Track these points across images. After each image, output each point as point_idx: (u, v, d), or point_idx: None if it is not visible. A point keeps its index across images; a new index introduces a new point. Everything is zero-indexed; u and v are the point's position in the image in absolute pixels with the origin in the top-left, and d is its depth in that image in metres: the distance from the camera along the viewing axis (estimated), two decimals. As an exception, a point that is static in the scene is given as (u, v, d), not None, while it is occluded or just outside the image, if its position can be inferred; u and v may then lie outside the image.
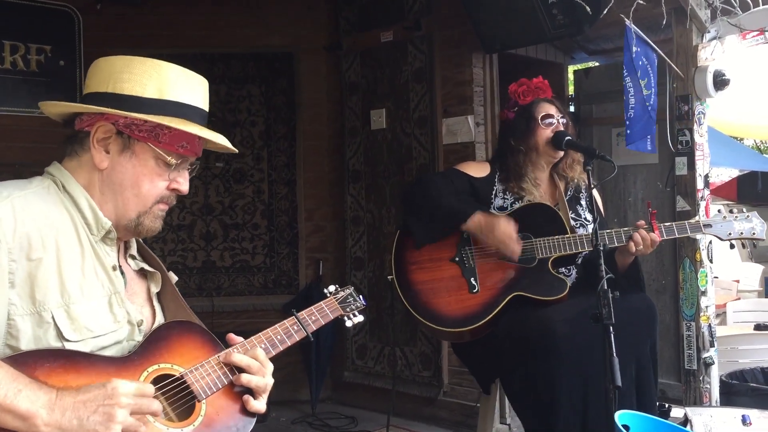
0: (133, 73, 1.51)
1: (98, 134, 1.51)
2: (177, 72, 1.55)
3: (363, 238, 4.81)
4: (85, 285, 1.46)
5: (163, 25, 4.85)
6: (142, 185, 1.53)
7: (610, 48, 4.99)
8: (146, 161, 1.52)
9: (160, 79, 1.52)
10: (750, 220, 2.69)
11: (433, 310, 2.67)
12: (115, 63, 1.54)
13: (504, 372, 2.69)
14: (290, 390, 4.86)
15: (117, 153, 1.52)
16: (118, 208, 1.53)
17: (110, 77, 1.52)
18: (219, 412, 1.49)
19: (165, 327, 1.56)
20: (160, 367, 1.47)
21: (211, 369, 1.52)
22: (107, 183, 1.52)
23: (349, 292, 1.94)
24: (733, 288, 6.97)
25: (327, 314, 1.85)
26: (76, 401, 1.28)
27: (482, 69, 4.28)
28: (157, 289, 1.65)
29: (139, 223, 1.55)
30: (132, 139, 1.51)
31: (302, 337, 1.74)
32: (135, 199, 1.53)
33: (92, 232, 1.51)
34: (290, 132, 5.04)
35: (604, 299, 2.04)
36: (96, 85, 1.54)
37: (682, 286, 3.41)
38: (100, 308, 1.47)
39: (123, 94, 1.50)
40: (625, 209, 4.47)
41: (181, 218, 4.97)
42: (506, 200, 2.82)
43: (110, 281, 1.51)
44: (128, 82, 1.51)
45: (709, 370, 3.36)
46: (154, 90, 1.51)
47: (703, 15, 3.33)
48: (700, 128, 3.42)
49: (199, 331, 1.60)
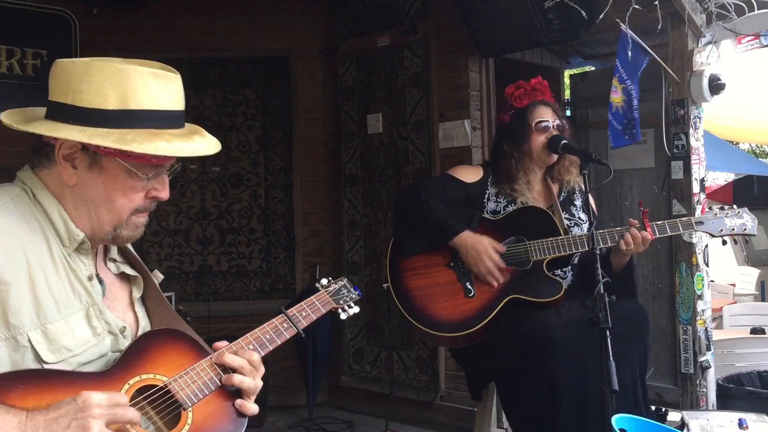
0: (91, 82, 1.37)
1: (62, 150, 1.40)
2: (142, 74, 1.39)
3: (359, 242, 4.81)
4: (60, 301, 1.38)
5: (160, 30, 4.86)
6: (115, 201, 1.43)
7: (606, 52, 5.00)
8: (116, 176, 1.41)
9: (123, 86, 1.37)
10: (741, 216, 2.71)
11: (430, 316, 2.67)
12: (73, 68, 1.39)
13: (499, 375, 2.69)
14: (287, 395, 4.85)
15: (85, 169, 1.41)
16: (93, 223, 1.45)
17: (69, 86, 1.38)
18: (207, 418, 1.45)
19: (145, 337, 1.50)
20: (142, 378, 1.42)
21: (197, 375, 1.47)
22: (79, 198, 1.43)
23: (343, 283, 1.88)
24: (729, 292, 6.98)
25: (319, 308, 1.78)
26: (47, 419, 1.22)
27: (478, 73, 4.29)
28: (139, 294, 1.58)
29: (117, 234, 1.47)
30: (98, 154, 1.40)
31: (293, 334, 1.67)
32: (109, 214, 1.44)
33: (64, 244, 1.42)
34: (287, 136, 5.04)
35: (601, 303, 2.04)
36: (56, 92, 1.41)
37: (679, 289, 3.41)
38: (78, 324, 1.40)
39: (83, 107, 1.36)
40: (621, 213, 4.47)
41: (178, 223, 4.96)
42: (499, 203, 2.82)
43: (87, 293, 1.44)
44: (87, 93, 1.36)
45: (705, 373, 3.36)
46: (117, 100, 1.37)
47: (698, 19, 3.34)
48: (696, 132, 3.42)
49: (182, 338, 1.54)
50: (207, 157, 1.59)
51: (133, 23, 4.81)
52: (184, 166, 5.16)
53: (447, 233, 2.70)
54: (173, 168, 1.51)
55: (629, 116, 3.27)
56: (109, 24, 4.74)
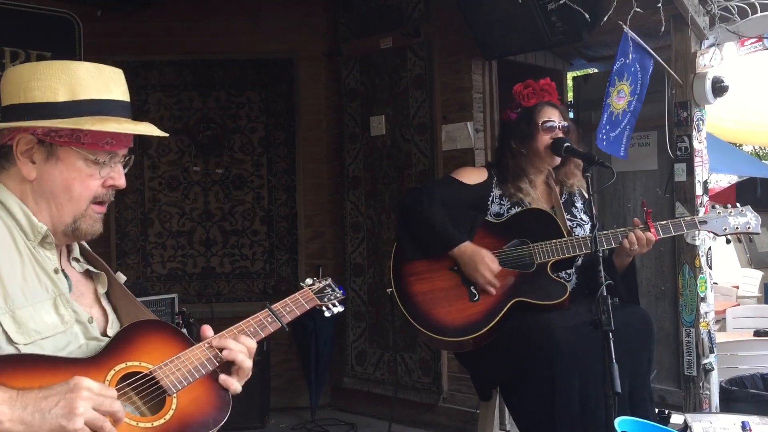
0: (40, 80, 1.48)
1: (20, 147, 1.49)
2: (87, 69, 1.52)
3: (362, 244, 4.82)
4: (27, 289, 1.45)
5: (163, 33, 4.87)
6: (73, 189, 1.52)
7: (608, 55, 4.99)
8: (73, 164, 1.51)
9: (70, 80, 1.49)
10: (744, 214, 2.71)
11: (435, 320, 2.65)
12: (22, 71, 1.52)
13: (505, 378, 2.69)
14: (289, 396, 4.86)
15: (42, 162, 1.50)
16: (53, 215, 1.53)
17: (20, 87, 1.50)
18: (191, 403, 1.50)
19: (131, 327, 1.56)
20: (128, 365, 1.47)
21: (182, 363, 1.52)
22: (39, 192, 1.51)
23: (327, 283, 1.95)
24: (732, 294, 6.98)
25: (302, 305, 1.84)
26: (38, 397, 1.28)
27: (481, 75, 4.29)
28: (104, 290, 1.65)
29: (77, 227, 1.54)
30: (54, 145, 1.50)
31: (277, 328, 1.74)
32: (69, 204, 1.52)
33: (29, 237, 1.50)
34: (290, 138, 5.04)
35: (604, 306, 2.04)
36: (8, 97, 1.51)
37: (682, 292, 3.41)
38: (45, 310, 1.46)
39: (35, 102, 1.48)
40: (624, 215, 4.46)
41: (181, 224, 4.97)
42: (503, 206, 2.82)
43: (53, 284, 1.50)
44: (38, 90, 1.48)
45: (708, 376, 3.35)
46: (66, 92, 1.48)
47: (701, 22, 3.34)
48: (699, 134, 3.42)
49: (166, 328, 1.61)
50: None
51: (136, 25, 4.82)
52: (186, 167, 5.18)
53: (447, 244, 2.70)
54: (126, 158, 1.59)
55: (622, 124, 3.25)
56: (112, 26, 4.75)
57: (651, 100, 3.57)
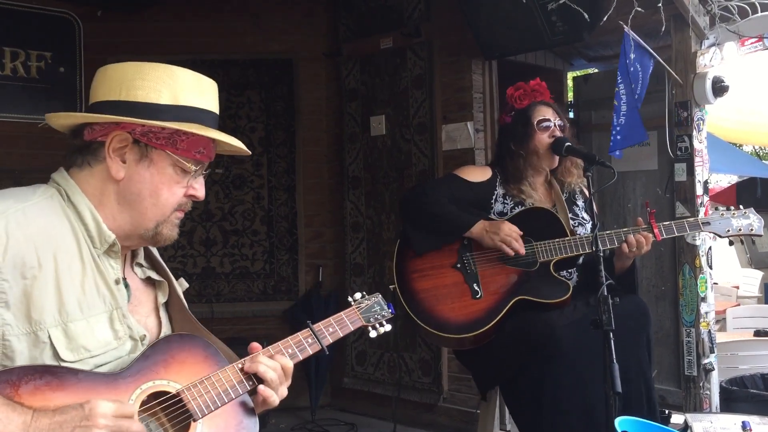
0: (146, 80, 1.47)
1: (114, 144, 1.46)
2: (189, 76, 1.52)
3: (363, 244, 4.81)
4: (84, 302, 1.41)
5: (163, 33, 4.87)
6: (160, 194, 1.49)
7: (609, 54, 5.00)
8: (164, 169, 1.48)
9: (174, 85, 1.48)
10: (747, 216, 2.72)
11: (438, 317, 2.66)
12: (126, 69, 1.49)
13: (506, 376, 2.69)
14: (289, 396, 4.77)
15: (134, 162, 1.47)
16: (135, 218, 1.49)
17: (122, 84, 1.47)
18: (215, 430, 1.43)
19: (164, 341, 1.50)
20: (155, 384, 1.41)
21: (212, 385, 1.46)
22: (124, 193, 1.48)
23: (377, 300, 1.83)
24: (732, 294, 6.98)
25: (347, 325, 1.73)
26: (52, 422, 1.23)
27: (482, 75, 4.29)
28: (164, 299, 1.60)
29: (158, 232, 1.52)
30: (149, 147, 1.47)
31: (317, 350, 1.63)
32: (153, 209, 1.50)
33: (95, 245, 1.45)
34: (290, 138, 5.04)
35: (604, 305, 2.04)
36: (106, 93, 1.48)
37: (682, 292, 3.41)
38: (99, 325, 1.42)
39: (138, 101, 1.46)
40: (625, 215, 4.47)
41: (181, 224, 4.95)
42: (506, 205, 2.82)
43: (112, 296, 1.46)
44: (142, 89, 1.46)
45: (709, 376, 3.35)
46: (169, 96, 1.47)
47: (702, 22, 3.34)
48: (699, 134, 3.42)
49: (200, 344, 1.53)
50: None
51: (136, 25, 4.82)
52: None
53: (463, 227, 2.70)
54: (208, 170, 1.58)
55: (618, 120, 3.25)
56: (112, 26, 4.75)
57: (651, 100, 3.58)
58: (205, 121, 1.52)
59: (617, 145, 3.30)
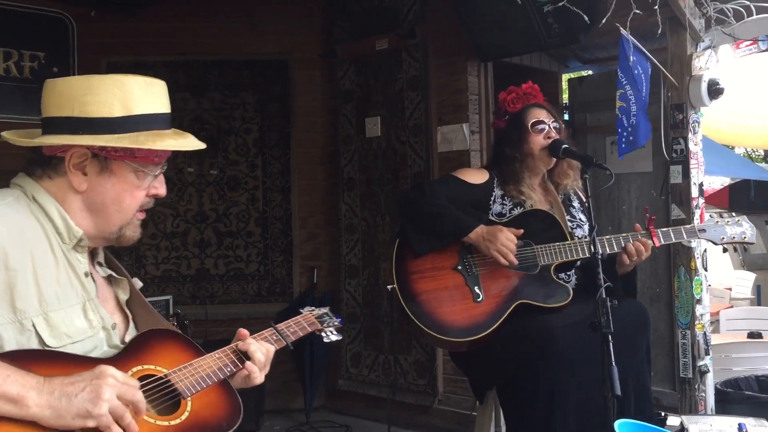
0: (96, 94, 1.50)
1: (73, 159, 1.51)
2: (139, 84, 1.55)
3: (357, 245, 4.80)
4: (60, 293, 1.48)
5: (157, 33, 4.85)
6: (123, 200, 1.55)
7: (603, 57, 5.01)
8: (125, 177, 1.55)
9: (125, 96, 1.52)
10: (740, 224, 2.74)
11: (439, 320, 2.63)
12: (74, 85, 1.53)
13: (503, 379, 2.68)
14: (284, 399, 4.84)
15: (95, 174, 1.53)
16: (100, 224, 1.56)
17: (73, 100, 1.50)
18: (205, 407, 1.53)
19: (144, 335, 1.60)
20: (144, 368, 1.51)
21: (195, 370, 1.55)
22: (87, 203, 1.54)
23: (325, 311, 2.02)
24: (725, 296, 6.99)
25: (305, 327, 1.91)
26: (64, 383, 1.31)
27: (477, 77, 4.29)
28: (126, 297, 1.67)
29: (121, 234, 1.59)
30: (108, 159, 1.52)
31: (282, 346, 1.79)
32: (118, 214, 1.56)
33: (64, 240, 1.52)
34: (284, 140, 5.03)
35: (603, 308, 2.04)
36: (58, 108, 1.52)
37: (677, 294, 3.41)
38: (75, 315, 1.49)
39: (91, 117, 1.49)
40: (620, 217, 4.47)
41: (175, 226, 4.95)
42: (505, 206, 2.81)
43: (83, 288, 1.53)
44: (93, 104, 1.50)
45: (704, 378, 3.36)
46: (121, 108, 1.51)
47: (697, 24, 3.35)
48: (695, 137, 3.43)
49: (180, 337, 1.66)
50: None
51: (130, 26, 4.80)
52: (181, 168, 5.20)
53: (462, 230, 2.67)
54: (165, 167, 1.64)
55: (629, 122, 3.25)
56: (106, 26, 4.73)
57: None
58: (159, 125, 1.57)
59: (629, 147, 3.28)
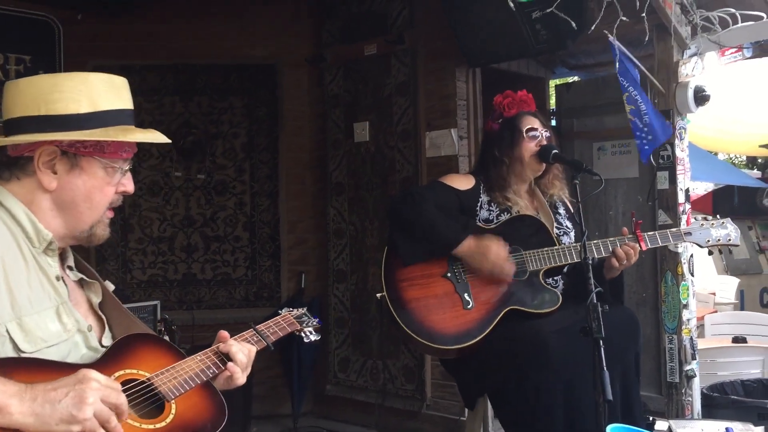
0: (63, 92, 1.52)
1: (42, 158, 1.51)
2: (103, 80, 1.57)
3: (345, 250, 4.80)
4: (33, 297, 1.47)
5: (144, 36, 4.82)
6: (94, 197, 1.56)
7: (590, 63, 5.05)
8: (95, 173, 1.56)
9: (91, 92, 1.53)
10: (725, 226, 2.78)
11: (429, 328, 2.62)
12: (40, 83, 1.55)
13: (493, 385, 2.68)
14: (272, 404, 4.82)
15: (65, 172, 1.53)
16: (70, 222, 1.56)
17: (39, 99, 1.51)
18: (189, 409, 1.53)
19: (124, 339, 1.59)
20: (126, 372, 1.50)
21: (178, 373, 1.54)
22: (57, 201, 1.54)
23: (303, 312, 2.05)
24: (710, 301, 7.04)
25: (284, 327, 1.93)
26: (47, 389, 1.30)
27: (465, 83, 4.30)
28: (98, 300, 1.67)
29: (92, 233, 1.59)
30: (78, 155, 1.53)
31: (262, 347, 1.80)
32: (88, 212, 1.56)
33: (33, 245, 1.51)
34: (273, 144, 5.02)
35: (594, 313, 2.05)
36: (24, 108, 1.52)
37: (664, 299, 3.44)
38: (49, 319, 1.48)
39: (59, 114, 1.50)
40: (607, 222, 4.50)
41: (162, 230, 4.92)
42: (492, 212, 2.82)
43: (56, 292, 1.52)
44: (61, 102, 1.51)
45: (691, 382, 3.38)
46: (88, 104, 1.52)
47: (683, 32, 3.39)
48: (681, 143, 3.46)
49: (159, 341, 1.66)
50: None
51: (117, 28, 4.77)
52: (167, 172, 5.17)
53: (451, 244, 2.67)
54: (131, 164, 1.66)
55: (643, 122, 3.24)
56: (93, 29, 4.70)
57: (634, 109, 3.60)
58: (125, 120, 1.58)
59: (651, 146, 3.25)
